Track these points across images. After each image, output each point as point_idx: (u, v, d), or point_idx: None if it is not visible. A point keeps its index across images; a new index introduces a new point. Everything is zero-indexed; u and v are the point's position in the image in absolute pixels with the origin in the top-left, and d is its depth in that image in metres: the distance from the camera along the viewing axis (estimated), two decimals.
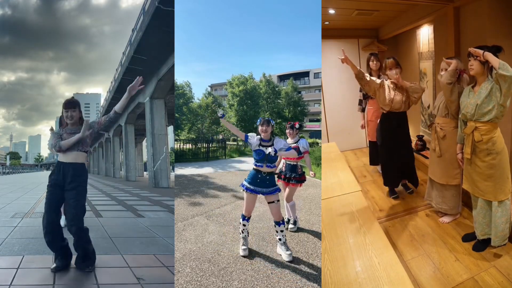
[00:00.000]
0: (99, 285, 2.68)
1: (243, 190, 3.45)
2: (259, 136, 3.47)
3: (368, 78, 4.23)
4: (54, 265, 2.96)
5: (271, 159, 3.39)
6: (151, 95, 17.40)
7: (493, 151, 3.09)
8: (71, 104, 3.10)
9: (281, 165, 4.27)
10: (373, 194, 4.79)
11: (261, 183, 3.40)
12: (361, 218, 2.91)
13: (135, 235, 4.53)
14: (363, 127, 5.68)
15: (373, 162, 5.60)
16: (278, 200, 3.46)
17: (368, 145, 6.06)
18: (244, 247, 3.46)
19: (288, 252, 3.35)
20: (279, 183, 4.32)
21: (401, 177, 4.63)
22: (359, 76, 4.21)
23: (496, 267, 3.03)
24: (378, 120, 5.29)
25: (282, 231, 3.42)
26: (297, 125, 4.27)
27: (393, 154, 4.45)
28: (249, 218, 3.53)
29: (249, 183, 3.43)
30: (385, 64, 4.27)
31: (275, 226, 3.46)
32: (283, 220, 3.46)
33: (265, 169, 3.40)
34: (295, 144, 4.17)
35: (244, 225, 3.51)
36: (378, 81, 4.31)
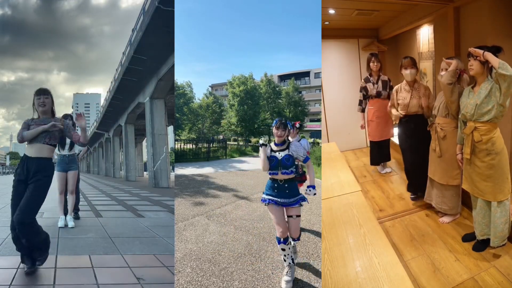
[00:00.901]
0: (99, 285, 2.68)
1: (266, 205, 2.94)
2: (268, 144, 3.05)
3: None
4: (26, 268, 2.87)
5: (286, 165, 2.90)
6: (151, 95, 17.41)
7: (492, 152, 3.09)
8: (44, 91, 2.98)
9: None
10: (373, 194, 4.78)
11: (280, 192, 2.90)
12: (361, 218, 2.91)
13: (135, 235, 4.53)
14: (362, 127, 5.68)
15: (373, 162, 5.59)
16: (299, 216, 2.94)
17: (368, 145, 6.06)
18: (287, 277, 2.87)
19: (288, 278, 2.86)
20: None
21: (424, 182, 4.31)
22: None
23: (496, 267, 3.03)
24: (379, 120, 5.28)
25: (294, 246, 2.99)
26: (297, 125, 4.20)
27: (414, 160, 4.32)
28: (285, 239, 2.90)
29: (267, 194, 2.95)
30: (401, 63, 4.22)
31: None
32: (299, 237, 2.99)
33: (280, 176, 2.90)
34: None
35: (283, 249, 2.91)
36: (394, 94, 4.32)
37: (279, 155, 2.93)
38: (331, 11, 5.53)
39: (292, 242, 3.00)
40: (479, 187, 3.20)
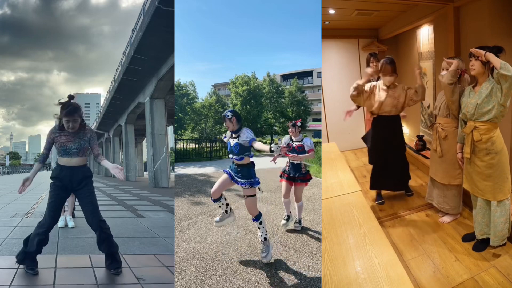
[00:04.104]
0: (99, 285, 2.68)
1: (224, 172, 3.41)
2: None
3: (366, 92, 4.17)
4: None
5: (233, 151, 3.28)
6: (151, 95, 17.42)
7: (492, 151, 3.09)
8: (72, 112, 2.85)
9: (284, 164, 4.23)
10: (373, 194, 4.78)
11: (235, 173, 3.32)
12: (361, 218, 2.91)
13: (135, 235, 4.53)
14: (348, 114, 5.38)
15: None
16: (250, 196, 3.28)
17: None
18: (262, 254, 3.29)
19: (263, 254, 3.20)
20: (283, 183, 4.19)
21: (389, 182, 4.49)
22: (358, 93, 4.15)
23: (496, 267, 3.03)
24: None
25: (259, 228, 3.33)
26: (298, 123, 4.15)
27: (383, 159, 4.39)
28: (216, 199, 3.45)
29: (230, 168, 3.41)
30: (382, 66, 4.06)
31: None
32: (257, 216, 3.33)
33: (235, 161, 3.31)
34: (299, 143, 4.10)
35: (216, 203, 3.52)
36: (367, 87, 4.19)
37: (232, 142, 3.33)
38: (331, 11, 5.54)
39: (254, 222, 3.36)
40: (479, 186, 3.21)
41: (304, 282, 2.89)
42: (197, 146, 18.25)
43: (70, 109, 2.84)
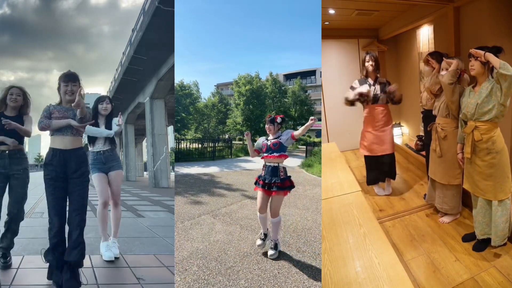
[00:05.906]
0: (99, 285, 2.68)
1: None
2: None
3: None
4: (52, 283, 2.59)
5: None
6: (151, 95, 17.44)
7: (492, 151, 3.09)
8: (72, 77, 2.67)
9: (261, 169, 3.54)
10: (373, 194, 4.78)
11: None
12: (361, 218, 2.91)
13: (135, 235, 4.53)
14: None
15: (370, 180, 4.78)
16: None
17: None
18: None
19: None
20: (258, 193, 3.48)
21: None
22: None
23: (496, 267, 3.03)
24: (378, 132, 4.62)
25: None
26: (278, 119, 3.48)
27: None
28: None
29: None
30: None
31: None
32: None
33: None
34: (275, 140, 3.41)
35: None
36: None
37: None
38: (331, 11, 5.53)
39: None
40: (479, 186, 3.21)
41: (307, 282, 2.89)
42: (200, 146, 18.26)
43: (70, 73, 2.71)
